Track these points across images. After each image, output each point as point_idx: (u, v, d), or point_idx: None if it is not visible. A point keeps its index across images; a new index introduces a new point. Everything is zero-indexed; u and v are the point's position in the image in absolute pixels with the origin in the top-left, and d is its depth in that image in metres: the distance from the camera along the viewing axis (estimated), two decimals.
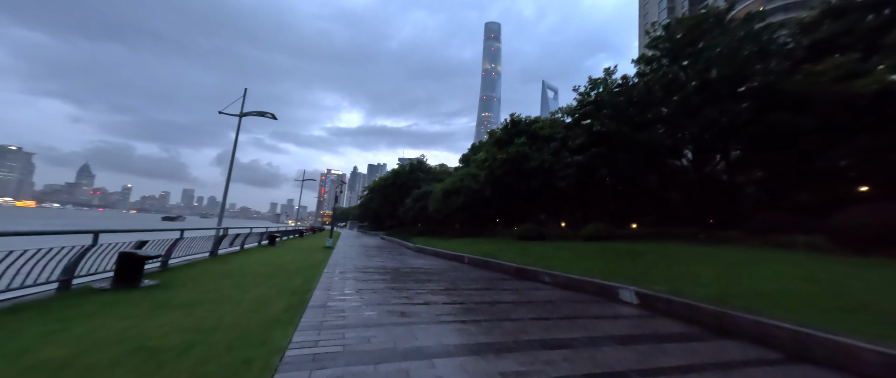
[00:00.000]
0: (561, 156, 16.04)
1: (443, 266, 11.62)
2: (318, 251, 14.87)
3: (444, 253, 15.05)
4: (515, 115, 19.34)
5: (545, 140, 17.60)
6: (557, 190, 16.68)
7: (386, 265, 11.07)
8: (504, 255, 12.33)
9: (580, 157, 14.09)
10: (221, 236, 10.54)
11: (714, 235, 12.53)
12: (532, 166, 16.70)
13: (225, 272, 7.61)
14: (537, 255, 11.47)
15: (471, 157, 38.97)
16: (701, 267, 7.75)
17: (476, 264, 12.13)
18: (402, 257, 14.37)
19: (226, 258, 10.24)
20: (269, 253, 12.73)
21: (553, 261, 10.18)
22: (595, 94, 16.35)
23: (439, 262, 12.62)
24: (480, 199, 21.92)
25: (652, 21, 72.03)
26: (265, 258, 10.81)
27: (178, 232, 7.89)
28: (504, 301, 6.14)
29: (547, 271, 8.83)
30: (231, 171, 11.49)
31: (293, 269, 8.81)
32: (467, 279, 8.70)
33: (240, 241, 13.08)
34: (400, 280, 8.06)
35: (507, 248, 14.24)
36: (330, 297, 5.68)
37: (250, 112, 11.10)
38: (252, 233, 14.13)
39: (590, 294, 7.11)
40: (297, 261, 10.70)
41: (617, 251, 10.53)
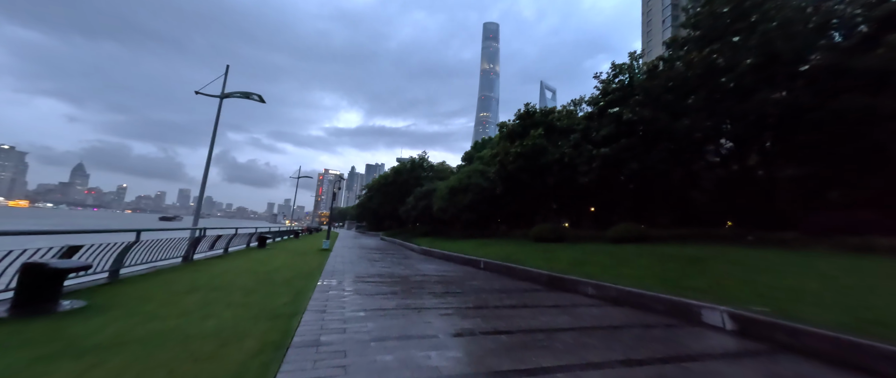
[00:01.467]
0: (582, 149, 14.52)
1: (457, 273, 10.06)
2: (314, 254, 13.25)
3: (454, 256, 13.47)
4: (530, 105, 17.79)
5: (563, 132, 16.07)
6: (578, 186, 15.16)
7: (392, 272, 9.49)
8: (527, 260, 10.78)
9: (607, 149, 12.58)
10: (197, 238, 8.91)
11: (764, 237, 11.04)
12: (549, 160, 15.17)
13: (192, 285, 6.00)
14: (567, 260, 9.93)
15: (474, 154, 37.42)
16: (791, 278, 6.22)
17: (496, 270, 10.57)
18: (407, 261, 12.78)
19: (202, 265, 8.62)
20: (257, 257, 11.11)
21: (589, 267, 8.64)
22: (618, 81, 14.85)
23: (452, 268, 11.05)
24: (490, 197, 20.36)
25: (666, 9, 69.10)
26: (250, 264, 9.20)
27: (134, 233, 6.26)
28: (560, 327, 4.58)
29: (589, 281, 7.29)
30: (210, 159, 9.86)
31: (281, 278, 7.20)
32: (493, 291, 7.14)
33: (223, 243, 11.44)
34: (413, 294, 6.48)
35: (527, 251, 12.69)
36: (325, 326, 4.09)
37: (233, 93, 9.46)
38: (238, 234, 12.48)
39: (659, 314, 5.56)
40: (287, 267, 9.09)
41: (664, 256, 9.00)
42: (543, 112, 17.31)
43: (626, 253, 10.01)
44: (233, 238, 12.07)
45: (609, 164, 13.00)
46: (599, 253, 10.35)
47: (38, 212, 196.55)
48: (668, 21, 76.41)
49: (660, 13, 78.79)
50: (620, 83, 14.23)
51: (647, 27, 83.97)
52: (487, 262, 11.36)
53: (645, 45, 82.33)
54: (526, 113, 17.56)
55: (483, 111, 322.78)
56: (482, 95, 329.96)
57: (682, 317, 5.34)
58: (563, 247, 12.61)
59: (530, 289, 7.69)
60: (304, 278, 7.46)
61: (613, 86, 14.11)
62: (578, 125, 15.66)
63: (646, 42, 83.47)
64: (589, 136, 14.75)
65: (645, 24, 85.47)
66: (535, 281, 8.64)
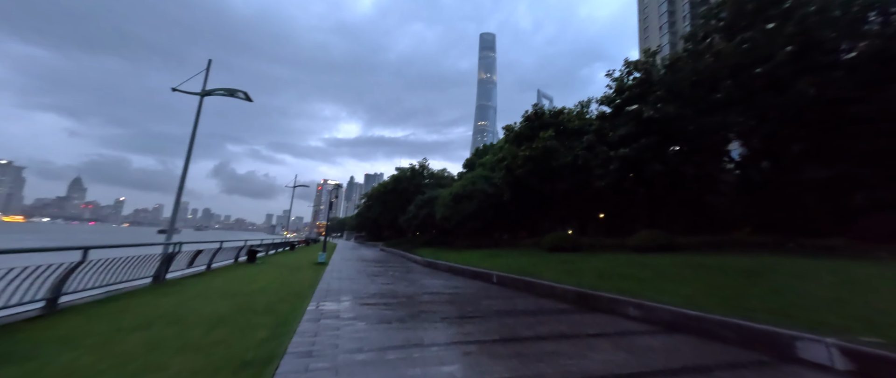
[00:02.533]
0: (597, 150, 13.52)
1: (468, 289, 8.88)
2: (307, 269, 12.06)
3: (462, 269, 12.29)
4: (538, 106, 16.82)
5: (574, 134, 15.10)
6: (592, 191, 14.11)
7: (394, 290, 8.31)
8: (546, 273, 9.62)
9: (626, 150, 11.57)
10: (170, 255, 7.75)
11: (805, 244, 9.93)
12: (561, 163, 14.15)
13: (149, 316, 4.84)
14: (593, 273, 8.78)
15: (476, 161, 36.48)
16: (880, 295, 5.11)
17: (512, 286, 9.40)
18: (411, 276, 11.59)
19: (174, 287, 7.44)
20: (243, 275, 9.92)
21: (623, 282, 7.50)
22: (634, 78, 13.94)
23: (461, 284, 9.88)
24: (495, 204, 19.25)
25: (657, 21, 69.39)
26: (232, 284, 8.02)
27: (81, 252, 5.11)
28: (627, 372, 3.43)
29: (629, 300, 6.14)
30: (187, 163, 8.76)
31: (263, 303, 6.03)
32: (516, 313, 5.98)
33: (205, 259, 10.26)
34: (422, 320, 5.32)
35: (542, 262, 11.53)
36: None
37: (215, 90, 8.43)
38: (223, 248, 11.28)
39: (733, 345, 4.43)
40: (275, 287, 7.92)
41: (708, 268, 7.87)
42: (553, 113, 16.37)
43: (660, 264, 8.87)
44: (217, 253, 10.88)
45: (628, 166, 11.98)
46: (629, 264, 9.21)
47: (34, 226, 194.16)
48: (664, 27, 76.89)
49: (656, 19, 79.42)
50: (636, 80, 13.33)
51: (644, 33, 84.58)
52: (501, 276, 10.19)
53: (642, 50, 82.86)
54: (534, 114, 16.61)
55: (481, 120, 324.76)
56: (480, 104, 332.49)
57: (769, 350, 4.20)
58: (581, 257, 11.46)
59: (558, 309, 6.53)
60: (291, 301, 6.29)
61: (630, 82, 13.18)
62: (591, 126, 14.69)
63: (643, 47, 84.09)
64: (603, 136, 13.76)
65: (642, 31, 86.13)
66: (560, 299, 7.48)
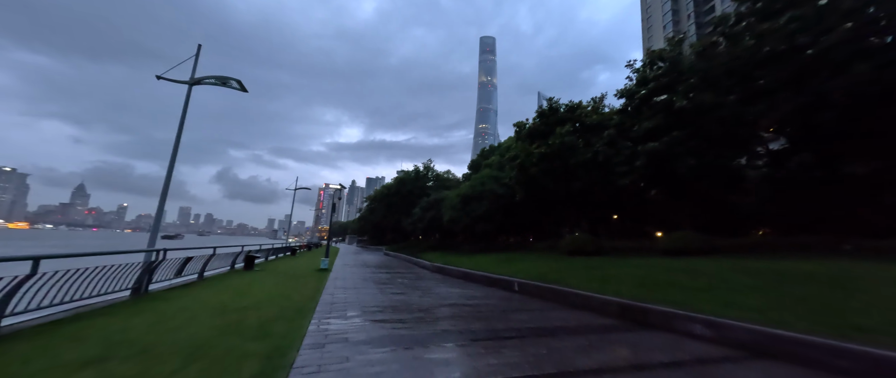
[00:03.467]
0: (619, 146, 12.54)
1: (490, 299, 7.88)
2: (309, 277, 11.08)
3: (476, 275, 11.28)
4: (553, 100, 15.81)
5: (593, 129, 14.12)
6: (613, 190, 13.10)
7: (407, 301, 7.32)
8: (573, 280, 8.60)
9: (656, 144, 10.59)
10: (153, 263, 6.80)
11: (866, 246, 8.88)
12: (580, 161, 13.17)
13: (109, 344, 3.87)
14: (630, 280, 7.75)
15: (482, 162, 35.55)
16: None
17: (537, 295, 8.38)
18: (422, 283, 10.59)
19: (156, 300, 6.48)
20: (238, 284, 8.96)
21: (673, 292, 6.47)
22: (658, 67, 12.95)
23: (479, 293, 8.87)
24: (506, 206, 18.25)
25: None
26: (223, 296, 7.05)
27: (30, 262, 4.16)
28: None
29: (693, 315, 5.12)
30: (174, 159, 7.82)
31: (257, 322, 5.06)
32: (558, 332, 4.97)
33: (196, 266, 9.30)
34: (447, 340, 4.32)
35: (565, 267, 10.51)
36: None
37: (205, 78, 7.50)
38: (217, 255, 10.31)
39: None
40: (272, 299, 6.94)
41: (773, 274, 6.84)
42: (569, 107, 15.40)
43: (708, 269, 7.85)
44: (210, 260, 9.92)
45: (658, 162, 10.97)
46: (670, 270, 8.18)
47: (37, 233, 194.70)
48: (668, 26, 76.23)
49: (660, 19, 78.78)
50: (661, 70, 12.34)
51: (648, 33, 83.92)
52: (524, 284, 9.18)
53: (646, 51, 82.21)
54: (549, 109, 15.62)
55: (482, 123, 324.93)
56: (480, 108, 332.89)
57: None
58: (608, 262, 10.43)
59: (604, 326, 5.52)
60: (290, 319, 5.31)
61: (654, 72, 12.19)
62: (610, 120, 13.70)
63: (646, 47, 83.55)
64: (625, 131, 12.79)
65: (645, 30, 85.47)
66: (600, 312, 6.46)
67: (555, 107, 15.64)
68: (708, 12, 62.72)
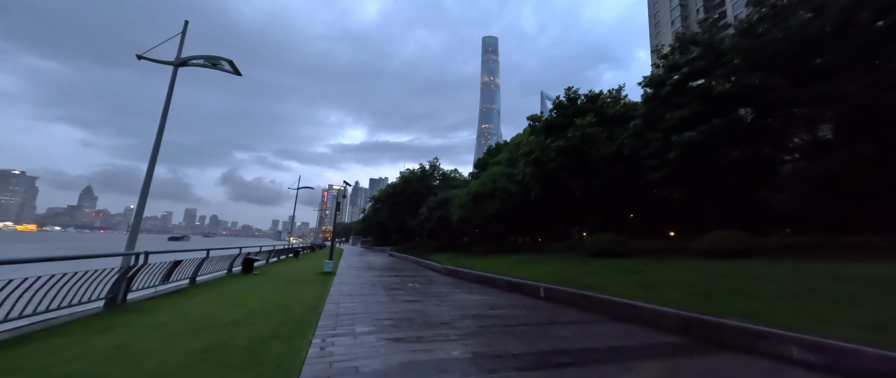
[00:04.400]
0: (647, 138, 11.49)
1: (517, 308, 6.89)
2: (312, 282, 10.16)
3: (495, 279, 10.29)
4: (572, 90, 14.68)
5: (616, 120, 13.06)
6: (642, 186, 12.03)
7: (424, 311, 6.35)
8: (610, 286, 7.56)
9: (693, 134, 9.52)
10: (133, 269, 5.90)
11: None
12: (603, 154, 12.12)
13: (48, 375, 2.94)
14: (682, 287, 6.70)
15: (489, 160, 34.57)
16: None
17: (569, 303, 7.36)
18: (435, 288, 9.62)
19: (132, 312, 5.57)
20: (232, 291, 8.05)
21: (741, 302, 5.43)
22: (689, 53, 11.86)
23: (503, 300, 7.88)
24: (520, 204, 17.22)
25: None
26: (212, 307, 6.13)
27: None
28: None
29: (788, 334, 4.07)
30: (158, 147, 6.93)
31: (246, 342, 4.11)
32: (619, 354, 3.96)
33: (188, 271, 8.40)
34: (486, 368, 3.33)
35: (596, 271, 9.48)
36: None
37: (192, 58, 6.61)
38: (210, 258, 9.41)
39: None
40: (268, 309, 6.01)
41: (869, 280, 5.77)
42: (589, 97, 14.31)
43: (773, 274, 6.79)
44: (203, 263, 9.00)
45: (693, 153, 9.90)
46: (726, 275, 7.12)
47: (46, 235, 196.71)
48: (677, 21, 74.85)
49: (668, 14, 77.36)
50: (694, 53, 11.24)
51: (656, 29, 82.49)
52: (551, 290, 8.17)
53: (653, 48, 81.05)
54: (568, 99, 14.52)
55: (485, 123, 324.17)
56: (483, 108, 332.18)
57: None
58: (646, 265, 9.37)
59: (670, 346, 4.50)
60: (287, 337, 4.36)
61: (689, 55, 11.08)
62: (636, 110, 12.64)
63: (654, 43, 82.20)
64: (654, 122, 11.73)
65: (652, 26, 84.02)
66: (654, 326, 5.43)
67: (573, 97, 14.57)
68: (718, 6, 61.22)
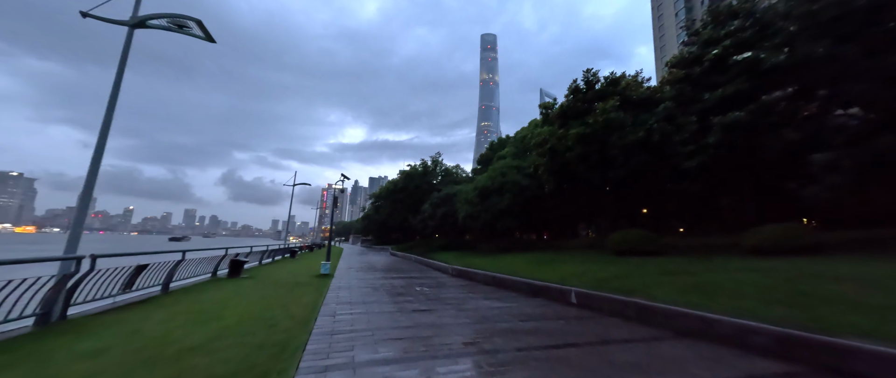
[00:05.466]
0: (679, 121, 10.28)
1: (550, 320, 5.67)
2: (306, 286, 8.95)
3: (512, 281, 9.07)
4: (591, 71, 13.31)
5: (641, 105, 11.81)
6: (673, 176, 10.81)
7: (442, 326, 5.14)
8: (658, 292, 6.37)
9: (740, 113, 8.28)
10: (73, 279, 4.66)
11: None
12: (628, 142, 10.90)
13: None
14: (755, 292, 5.49)
15: (493, 155, 33.38)
16: None
17: (608, 310, 6.15)
18: (446, 293, 8.40)
19: (73, 330, 4.37)
20: (211, 299, 6.84)
21: (849, 313, 4.25)
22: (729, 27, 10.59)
23: (529, 307, 6.66)
24: (532, 199, 16.00)
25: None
26: (176, 322, 4.92)
27: None
28: None
29: None
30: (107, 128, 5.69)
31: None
32: None
33: (158, 276, 7.17)
34: None
35: (629, 271, 8.27)
36: None
37: (150, 17, 5.34)
38: (186, 261, 8.15)
39: None
40: (246, 325, 4.80)
41: None
42: (611, 80, 12.97)
43: (867, 275, 5.58)
44: (178, 267, 7.75)
45: (738, 137, 8.67)
46: (804, 275, 5.90)
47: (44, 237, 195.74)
48: (681, 13, 73.53)
49: (672, 7, 75.99)
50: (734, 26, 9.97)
51: (659, 22, 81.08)
52: (583, 295, 6.95)
53: (657, 43, 79.93)
54: (586, 83, 13.18)
55: (484, 121, 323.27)
56: (482, 105, 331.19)
57: None
58: (692, 265, 8.16)
59: (777, 376, 3.30)
60: (263, 373, 3.14)
61: (730, 27, 9.79)
62: (664, 92, 11.40)
63: (657, 37, 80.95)
64: (686, 104, 10.51)
65: (655, 19, 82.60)
66: (739, 346, 4.21)
67: (591, 80, 13.28)
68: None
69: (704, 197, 13.23)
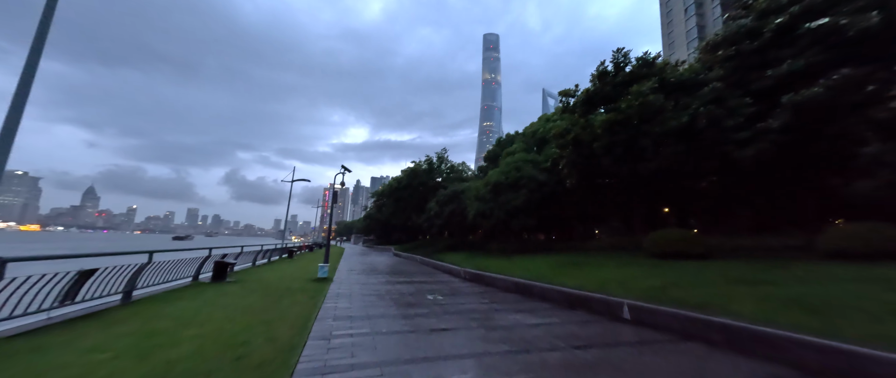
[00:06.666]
0: (731, 104, 8.87)
1: (614, 348, 4.24)
2: (299, 293, 7.61)
3: (540, 288, 7.69)
4: (622, 51, 11.79)
5: (680, 89, 10.38)
6: (717, 168, 9.39)
7: (471, 350, 3.77)
8: (735, 306, 4.98)
9: (818, 90, 6.91)
10: None
11: None
12: (670, 128, 9.48)
13: None
14: (885, 311, 4.13)
15: (501, 152, 32.02)
16: None
17: (678, 330, 4.67)
18: (464, 302, 7.02)
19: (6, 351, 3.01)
20: (176, 312, 5.51)
21: None
22: None
23: (574, 326, 5.26)
24: (550, 196, 14.61)
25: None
26: (107, 353, 3.58)
27: None
28: None
29: None
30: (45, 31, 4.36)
31: None
32: None
33: (119, 282, 5.86)
34: None
35: (683, 278, 6.88)
36: None
37: None
38: (154, 263, 6.79)
39: None
40: (204, 357, 3.46)
41: None
42: (643, 61, 11.49)
43: None
44: (142, 271, 6.42)
45: (812, 119, 7.24)
46: None
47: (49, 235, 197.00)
48: (691, 9, 71.95)
49: (681, 4, 74.30)
50: None
51: (668, 17, 79.41)
52: (637, 308, 5.56)
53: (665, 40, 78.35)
54: (615, 65, 11.70)
55: (486, 121, 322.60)
56: (484, 105, 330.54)
57: None
58: (762, 271, 6.75)
59: None
60: None
61: None
62: (710, 72, 9.95)
63: (666, 34, 79.29)
64: (739, 85, 9.09)
65: (664, 15, 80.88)
66: None
67: (621, 63, 11.82)
68: None
69: (762, 191, 11.61)
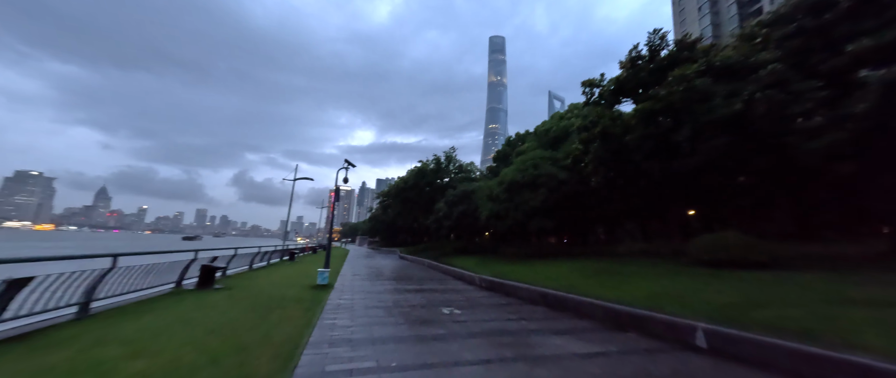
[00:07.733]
0: (794, 87, 7.60)
1: None
2: (294, 304, 6.50)
3: (574, 301, 6.47)
4: (659, 32, 10.53)
5: (727, 73, 9.10)
6: (782, 163, 8.07)
7: None
8: (870, 338, 3.73)
9: None
10: None
11: None
12: (720, 116, 8.21)
13: None
14: None
15: (511, 152, 30.81)
16: None
17: (780, 369, 3.52)
18: (486, 318, 5.81)
19: None
20: (137, 331, 4.45)
21: None
22: None
23: (636, 360, 4.03)
24: (572, 195, 13.35)
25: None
26: None
27: None
28: None
29: None
30: None
31: None
32: None
33: (75, 291, 4.82)
34: None
35: (765, 293, 5.60)
36: None
37: None
38: (117, 268, 5.71)
39: None
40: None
41: None
42: (683, 43, 10.24)
43: None
44: (103, 279, 5.38)
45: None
46: None
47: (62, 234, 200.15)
48: (705, 7, 70.01)
49: (694, 3, 72.44)
50: None
51: (681, 17, 77.44)
52: (718, 335, 4.30)
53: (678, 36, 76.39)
54: (651, 50, 10.39)
55: (492, 123, 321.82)
56: (490, 108, 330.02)
57: None
58: (871, 286, 5.46)
59: None
60: None
61: None
62: (756, 58, 8.63)
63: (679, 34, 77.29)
64: (806, 65, 7.82)
65: (676, 14, 78.91)
66: None
67: (656, 48, 10.52)
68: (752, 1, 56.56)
69: (848, 189, 10.02)
